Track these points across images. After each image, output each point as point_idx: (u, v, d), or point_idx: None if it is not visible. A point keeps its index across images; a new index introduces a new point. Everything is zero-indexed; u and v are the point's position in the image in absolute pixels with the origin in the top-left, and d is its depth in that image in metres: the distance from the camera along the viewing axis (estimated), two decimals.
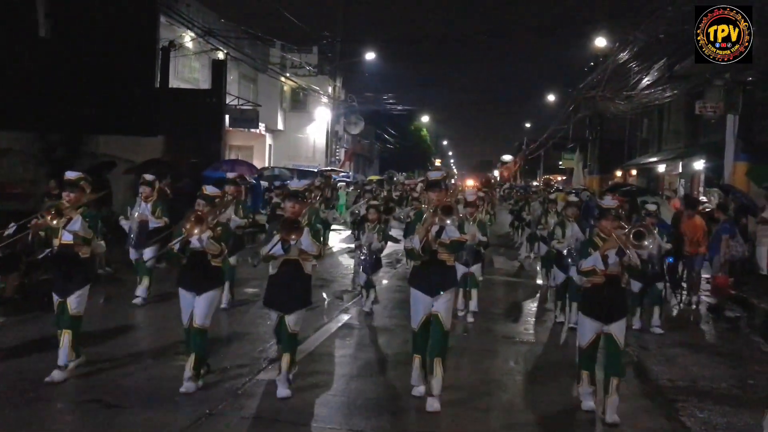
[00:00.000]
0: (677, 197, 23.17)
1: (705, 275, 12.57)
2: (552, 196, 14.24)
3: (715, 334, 10.16)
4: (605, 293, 5.89)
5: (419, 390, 6.23)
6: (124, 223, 9.94)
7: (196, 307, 6.22)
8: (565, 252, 9.27)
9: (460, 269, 8.86)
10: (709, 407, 6.51)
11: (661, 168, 28.63)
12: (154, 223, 9.70)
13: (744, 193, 13.90)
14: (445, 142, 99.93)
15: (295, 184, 6.70)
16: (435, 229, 5.89)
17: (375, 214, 9.98)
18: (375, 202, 11.18)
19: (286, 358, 6.11)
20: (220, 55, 24.70)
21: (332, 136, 39.13)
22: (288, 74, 34.45)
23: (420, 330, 6.17)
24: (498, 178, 63.69)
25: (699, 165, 22.26)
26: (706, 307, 11.51)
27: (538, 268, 14.53)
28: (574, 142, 40.39)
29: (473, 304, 9.84)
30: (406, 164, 52.73)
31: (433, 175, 6.44)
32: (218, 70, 22.91)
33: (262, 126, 31.04)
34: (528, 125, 65.60)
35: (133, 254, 9.96)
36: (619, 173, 34.42)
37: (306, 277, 6.24)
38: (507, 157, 73.02)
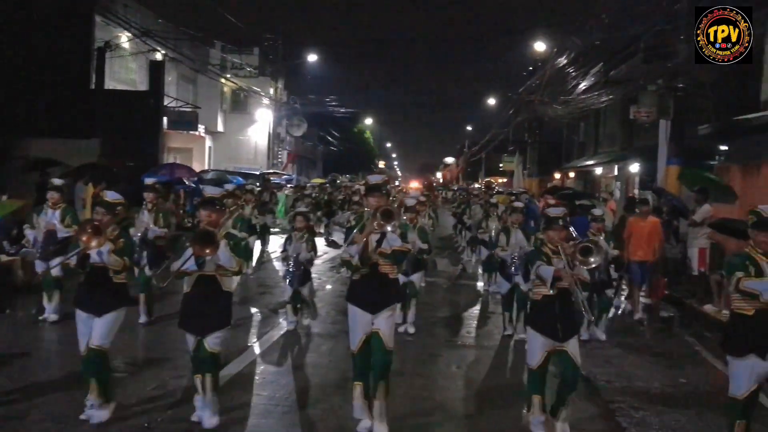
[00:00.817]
0: (613, 199, 23.85)
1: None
2: (493, 200, 14.19)
3: (649, 334, 10.46)
4: (557, 308, 5.47)
5: (364, 426, 5.57)
6: (30, 233, 9.24)
7: (94, 329, 5.53)
8: (509, 260, 8.99)
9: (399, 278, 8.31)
10: (643, 407, 6.70)
11: (598, 170, 29.41)
12: (63, 233, 8.93)
13: (675, 195, 14.35)
14: (388, 145, 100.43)
15: (210, 190, 5.92)
16: (375, 237, 5.43)
17: (303, 222, 9.24)
18: (303, 209, 10.52)
19: (209, 379, 5.48)
20: (158, 56, 24.19)
21: (274, 138, 38.81)
22: (228, 75, 34.00)
23: (360, 353, 5.57)
24: (441, 181, 64.26)
25: (634, 168, 22.93)
26: (641, 308, 11.85)
27: (479, 272, 14.62)
28: (514, 144, 41.10)
29: (411, 315, 9.34)
30: (349, 166, 52.77)
31: (373, 179, 5.95)
32: (156, 71, 22.45)
33: (201, 128, 30.56)
34: (470, 128, 66.44)
35: (39, 266, 9.18)
36: (557, 175, 35.20)
37: (225, 294, 5.61)
38: (449, 160, 73.73)
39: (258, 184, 21.71)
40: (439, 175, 77.30)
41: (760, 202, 11.51)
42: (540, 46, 28.92)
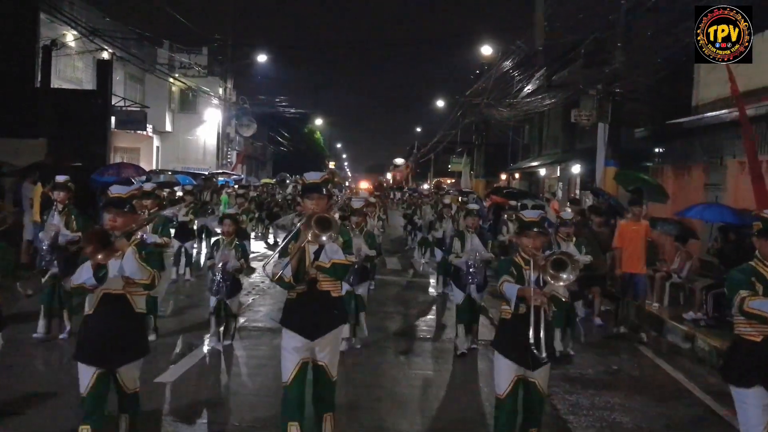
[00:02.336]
0: (556, 199, 24.66)
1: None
2: (447, 201, 14.05)
3: (586, 326, 11.01)
4: (528, 330, 4.52)
5: None
6: (43, 237, 7.94)
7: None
8: (464, 268, 8.14)
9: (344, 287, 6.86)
10: (577, 392, 7.19)
11: (542, 172, 30.29)
12: (65, 237, 7.84)
13: (612, 195, 15.05)
14: (339, 145, 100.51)
15: (116, 190, 4.74)
16: (313, 248, 4.65)
17: (231, 226, 8.12)
18: (231, 211, 9.58)
19: (125, 423, 4.61)
20: (105, 55, 23.92)
21: (223, 138, 38.59)
22: (177, 75, 33.73)
23: (294, 386, 4.69)
24: (391, 182, 64.75)
25: (576, 169, 23.76)
26: (581, 303, 12.40)
27: (431, 277, 14.72)
28: (462, 146, 41.86)
29: (362, 331, 8.56)
30: (300, 167, 52.75)
31: (311, 177, 5.02)
32: (103, 70, 22.17)
33: (149, 128, 30.26)
34: (419, 129, 67.22)
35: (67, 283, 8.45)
36: (503, 176, 36.03)
37: (137, 317, 4.59)
38: (399, 161, 74.50)
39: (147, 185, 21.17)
40: (389, 175, 77.86)
41: (691, 201, 12.22)
42: (486, 50, 29.64)
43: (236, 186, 24.51)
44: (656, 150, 18.11)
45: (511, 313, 4.69)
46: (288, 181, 34.50)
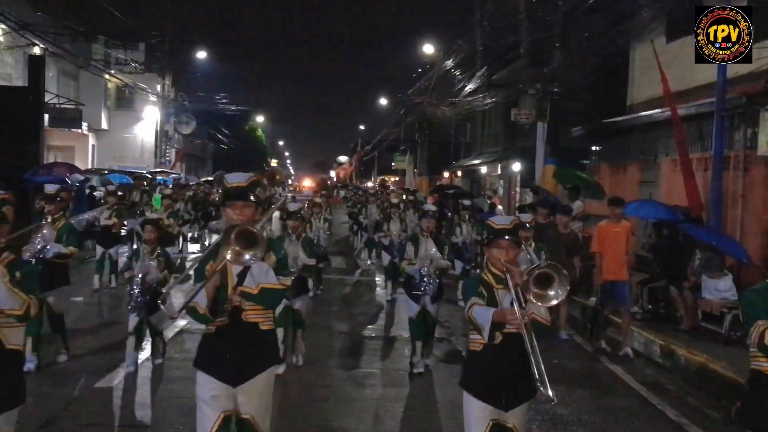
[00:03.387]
0: (497, 196, 25.06)
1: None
2: (394, 200, 13.64)
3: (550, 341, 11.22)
4: (504, 362, 3.78)
5: None
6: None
7: None
8: (417, 276, 7.28)
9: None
10: None
11: (484, 169, 30.73)
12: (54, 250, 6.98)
13: (551, 193, 15.39)
14: (281, 143, 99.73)
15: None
16: (236, 269, 3.75)
17: (152, 233, 7.16)
18: (153, 215, 8.75)
19: None
20: (37, 50, 23.10)
21: (162, 136, 37.82)
22: (113, 71, 32.86)
23: None
24: (334, 179, 64.62)
25: (516, 167, 24.18)
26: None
27: (377, 276, 14.77)
28: (406, 144, 42.15)
29: (300, 350, 7.64)
30: (241, 165, 52.06)
31: (233, 179, 4.00)
32: (35, 66, 21.37)
33: (84, 125, 29.41)
34: (362, 127, 67.25)
35: None
36: (446, 174, 36.41)
37: (10, 355, 3.75)
38: (343, 158, 74.45)
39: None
40: (332, 173, 77.66)
41: (626, 198, 12.58)
42: (428, 49, 29.88)
43: (163, 185, 22.72)
44: (593, 148, 18.61)
45: (483, 343, 3.78)
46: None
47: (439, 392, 7.09)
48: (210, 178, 34.26)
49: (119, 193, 14.09)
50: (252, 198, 3.93)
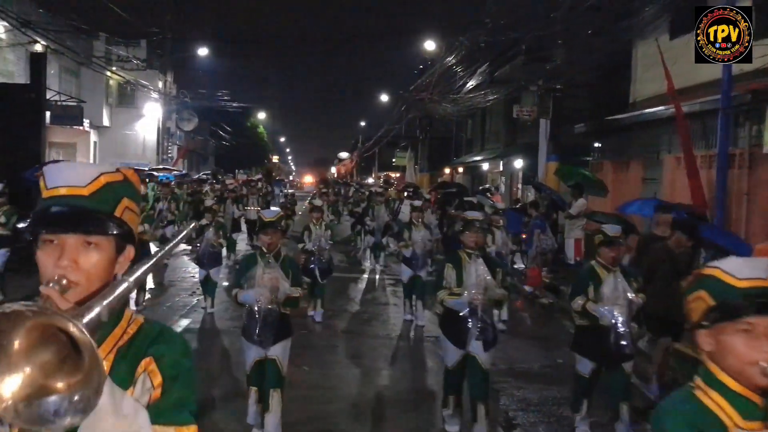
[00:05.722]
0: (498, 193, 25.03)
1: (520, 266, 13.81)
2: (417, 203, 11.02)
3: (530, 319, 11.24)
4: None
5: None
6: None
7: None
8: (465, 313, 5.43)
9: (252, 350, 5.27)
10: (524, 386, 7.33)
11: (485, 166, 30.70)
12: None
13: (554, 190, 15.35)
14: (282, 139, 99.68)
15: None
16: None
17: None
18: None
19: None
20: (39, 48, 23.06)
21: (164, 133, 37.79)
22: (114, 68, 32.82)
23: None
24: (335, 175, 64.58)
25: (518, 164, 24.15)
26: (522, 295, 12.65)
27: (378, 273, 14.60)
28: (406, 140, 42.07)
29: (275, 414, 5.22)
30: (243, 161, 52.12)
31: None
32: (37, 63, 21.33)
33: (86, 122, 29.40)
34: (363, 123, 67.20)
35: None
36: (447, 170, 36.37)
37: None
38: (344, 155, 74.42)
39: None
40: (333, 169, 77.61)
41: (629, 195, 12.57)
42: (430, 46, 29.80)
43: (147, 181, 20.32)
44: (596, 145, 18.55)
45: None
46: (221, 177, 32.54)
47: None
48: (205, 174, 33.83)
49: None
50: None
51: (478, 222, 6.07)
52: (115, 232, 1.60)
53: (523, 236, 13.33)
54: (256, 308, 5.11)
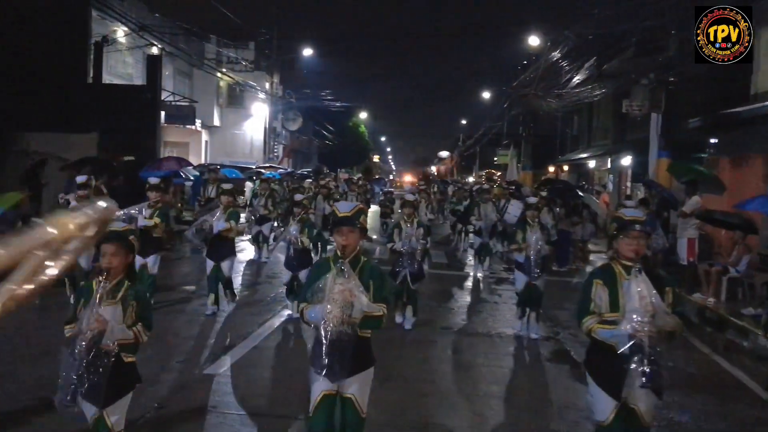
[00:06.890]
0: (606, 192, 24.15)
1: None
2: (532, 200, 9.81)
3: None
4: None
5: None
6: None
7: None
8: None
9: (319, 383, 4.41)
10: None
11: (591, 164, 29.70)
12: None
13: (665, 188, 14.63)
14: (383, 138, 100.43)
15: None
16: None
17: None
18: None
19: None
20: (155, 50, 24.31)
21: (270, 133, 38.95)
22: (224, 70, 34.14)
23: None
24: (435, 174, 64.47)
25: (626, 161, 23.21)
26: None
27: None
28: (509, 138, 41.40)
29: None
30: (345, 160, 52.97)
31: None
32: (153, 65, 22.54)
33: (198, 122, 30.73)
34: (464, 122, 66.68)
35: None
36: (551, 169, 35.48)
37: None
38: (444, 154, 74.10)
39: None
40: (433, 168, 77.54)
41: (748, 193, 11.80)
42: (534, 41, 29.13)
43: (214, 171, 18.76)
44: (711, 141, 17.53)
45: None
46: (322, 174, 32.32)
47: (546, 391, 6.84)
48: (307, 171, 33.65)
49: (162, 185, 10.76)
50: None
51: (639, 224, 4.22)
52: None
53: None
54: (323, 329, 4.00)
